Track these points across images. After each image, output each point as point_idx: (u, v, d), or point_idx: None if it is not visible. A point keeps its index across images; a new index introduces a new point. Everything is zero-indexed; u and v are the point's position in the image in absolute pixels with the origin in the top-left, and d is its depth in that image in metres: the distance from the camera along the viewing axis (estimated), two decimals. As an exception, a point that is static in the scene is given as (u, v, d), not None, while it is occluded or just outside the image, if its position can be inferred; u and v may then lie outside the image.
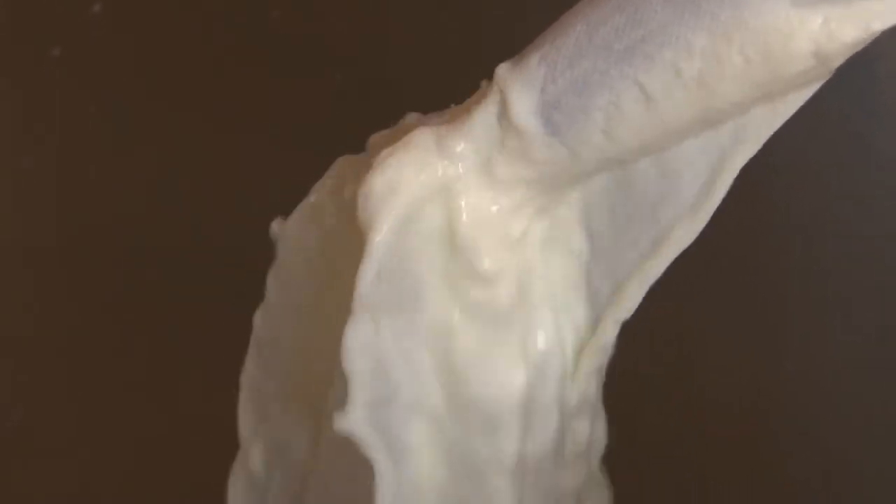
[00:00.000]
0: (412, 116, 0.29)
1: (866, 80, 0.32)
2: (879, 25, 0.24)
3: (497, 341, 0.28)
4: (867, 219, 0.49)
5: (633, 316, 0.30)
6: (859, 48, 0.25)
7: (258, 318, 0.34)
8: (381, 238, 0.26)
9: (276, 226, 0.32)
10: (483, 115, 0.26)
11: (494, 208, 0.27)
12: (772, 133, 0.27)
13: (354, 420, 0.27)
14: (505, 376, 0.28)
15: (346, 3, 0.56)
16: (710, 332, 0.48)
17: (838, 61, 0.25)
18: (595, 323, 0.29)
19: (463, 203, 0.27)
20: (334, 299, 0.29)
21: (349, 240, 0.28)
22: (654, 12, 0.25)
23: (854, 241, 0.50)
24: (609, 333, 0.29)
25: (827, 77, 0.26)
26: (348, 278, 0.27)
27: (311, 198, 0.31)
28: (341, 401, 0.28)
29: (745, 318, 0.53)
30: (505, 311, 0.28)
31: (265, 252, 0.36)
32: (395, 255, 0.27)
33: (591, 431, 0.32)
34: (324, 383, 0.31)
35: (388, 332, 0.27)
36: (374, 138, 0.30)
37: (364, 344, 0.27)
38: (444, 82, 0.30)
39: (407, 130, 0.27)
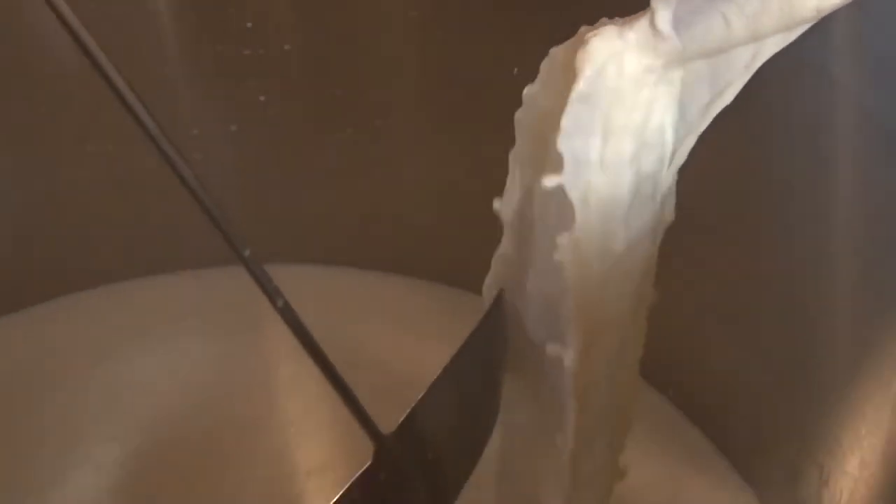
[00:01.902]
0: (584, 28, 0.37)
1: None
2: None
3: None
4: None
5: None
6: (841, 6, 0.33)
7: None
8: (589, 73, 0.36)
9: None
10: (643, 20, 0.36)
11: (640, 69, 0.37)
12: (782, 47, 0.36)
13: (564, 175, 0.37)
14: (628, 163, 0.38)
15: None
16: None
17: (826, 13, 0.34)
18: (681, 141, 0.39)
19: (626, 63, 0.36)
20: (553, 124, 0.37)
21: (564, 90, 0.37)
22: None
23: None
24: (686, 146, 0.39)
25: (816, 21, 0.35)
26: (561, 110, 0.37)
27: (545, 63, 0.39)
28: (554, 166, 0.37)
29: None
30: (638, 124, 0.38)
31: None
32: (591, 85, 0.36)
33: (669, 205, 0.41)
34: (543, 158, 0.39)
35: (585, 118, 0.37)
36: (557, 48, 0.39)
37: (573, 124, 0.37)
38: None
39: (582, 37, 0.37)
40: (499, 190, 0.43)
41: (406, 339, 0.69)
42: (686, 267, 0.45)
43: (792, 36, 0.36)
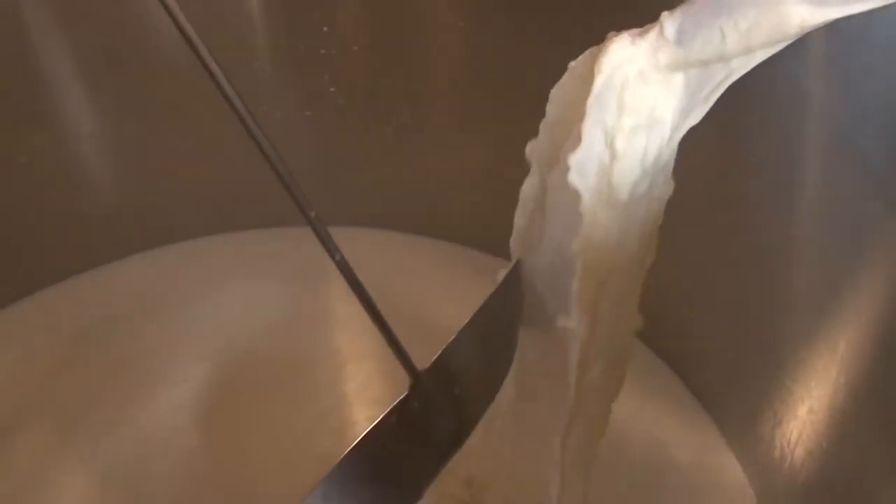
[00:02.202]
0: (612, 33, 0.37)
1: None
2: (836, 15, 0.32)
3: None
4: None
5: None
6: (820, 26, 0.33)
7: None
8: (607, 70, 0.36)
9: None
10: (653, 31, 0.36)
11: (648, 69, 0.36)
12: (766, 57, 0.36)
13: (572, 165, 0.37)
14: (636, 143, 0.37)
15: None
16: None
17: (807, 31, 0.33)
18: (678, 126, 0.38)
19: (637, 66, 0.36)
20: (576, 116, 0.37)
21: (585, 86, 0.37)
22: (731, 1, 0.34)
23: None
24: (683, 129, 0.38)
25: (798, 37, 0.34)
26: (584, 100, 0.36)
27: (573, 65, 0.38)
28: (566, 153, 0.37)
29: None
30: (645, 110, 0.37)
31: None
32: (609, 79, 0.36)
33: (666, 181, 0.40)
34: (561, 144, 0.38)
35: (604, 103, 0.37)
36: (591, 49, 0.38)
37: (596, 108, 0.36)
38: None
39: (609, 43, 0.37)
40: (521, 167, 0.42)
41: (440, 293, 0.68)
42: (672, 242, 0.43)
43: (776, 48, 0.35)
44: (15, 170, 0.66)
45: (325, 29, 0.67)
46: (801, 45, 0.35)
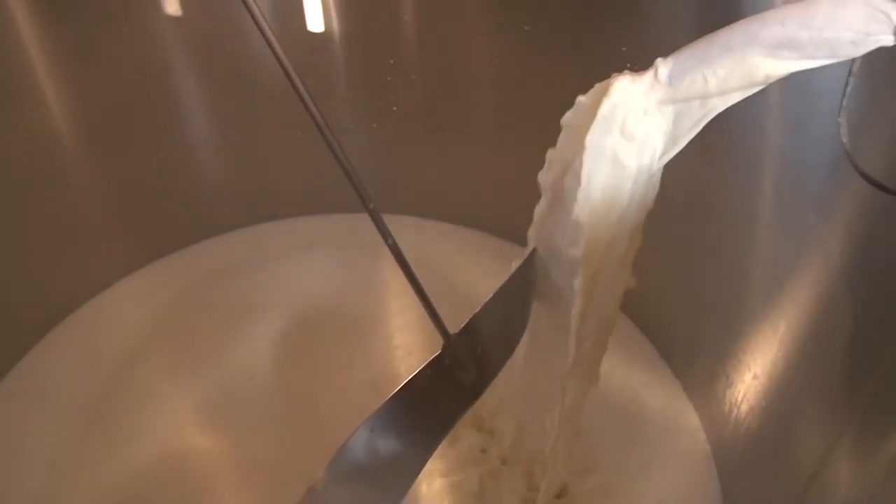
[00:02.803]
0: (615, 75, 0.36)
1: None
2: (793, 68, 0.32)
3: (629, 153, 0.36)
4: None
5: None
6: (780, 77, 0.33)
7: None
8: (606, 109, 0.35)
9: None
10: (649, 73, 0.35)
11: (644, 103, 0.35)
12: (739, 100, 0.35)
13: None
14: (631, 161, 0.36)
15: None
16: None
17: (771, 81, 0.33)
18: (668, 149, 0.37)
19: (636, 100, 0.35)
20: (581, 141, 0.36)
21: (590, 115, 0.36)
22: (712, 53, 0.33)
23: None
24: (671, 152, 0.37)
25: (764, 86, 0.33)
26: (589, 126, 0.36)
27: (582, 98, 0.37)
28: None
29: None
30: (640, 136, 0.36)
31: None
32: (611, 111, 0.35)
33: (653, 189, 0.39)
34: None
35: (607, 128, 0.36)
36: (600, 84, 0.36)
37: (599, 131, 0.36)
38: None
39: (613, 81, 0.35)
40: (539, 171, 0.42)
41: (470, 272, 0.67)
42: (654, 236, 0.42)
43: (749, 92, 0.34)
44: (154, 160, 0.67)
45: (391, 62, 0.65)
46: (763, 92, 0.35)
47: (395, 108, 0.68)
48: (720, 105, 0.34)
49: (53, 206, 0.61)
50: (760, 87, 0.33)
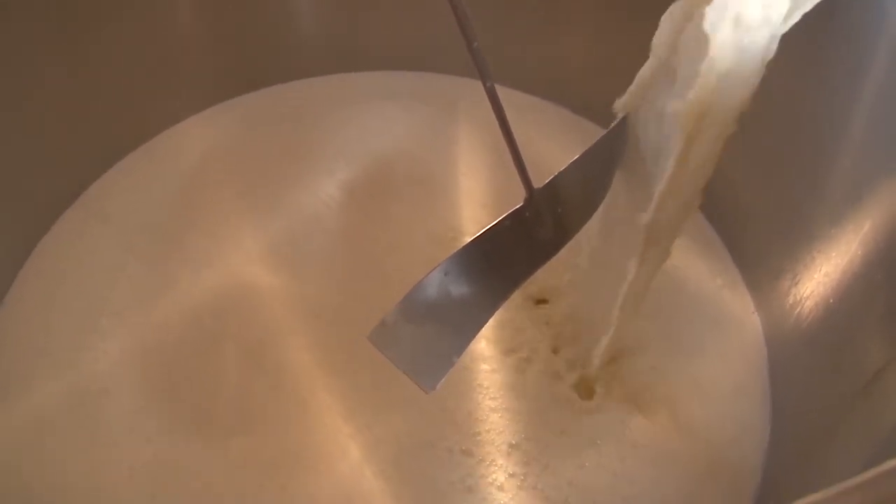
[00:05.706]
0: None
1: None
2: None
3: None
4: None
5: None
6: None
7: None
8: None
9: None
10: None
11: None
12: None
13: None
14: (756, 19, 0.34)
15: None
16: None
17: None
18: (787, 18, 0.35)
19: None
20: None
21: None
22: None
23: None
24: (790, 22, 0.35)
25: None
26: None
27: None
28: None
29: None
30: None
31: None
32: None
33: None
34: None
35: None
36: None
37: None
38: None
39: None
40: (631, 59, 0.40)
41: (553, 145, 0.64)
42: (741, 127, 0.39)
43: None
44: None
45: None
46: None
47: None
48: None
49: (139, 35, 0.61)
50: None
